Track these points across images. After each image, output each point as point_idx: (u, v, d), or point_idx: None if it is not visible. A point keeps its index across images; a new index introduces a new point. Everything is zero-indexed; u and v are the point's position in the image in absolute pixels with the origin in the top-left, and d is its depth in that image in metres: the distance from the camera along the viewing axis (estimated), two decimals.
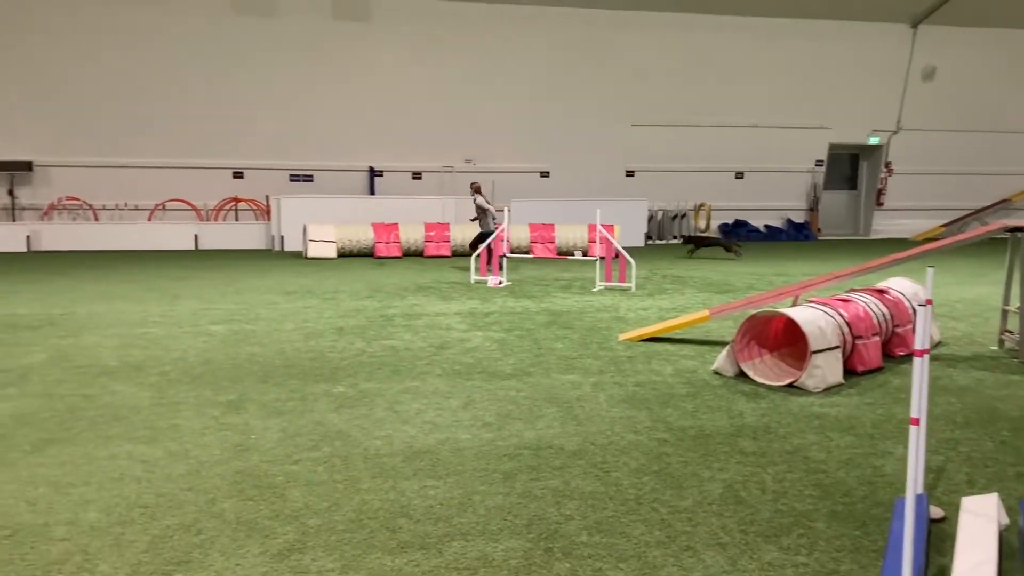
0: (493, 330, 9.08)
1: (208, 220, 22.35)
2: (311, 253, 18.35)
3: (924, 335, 2.92)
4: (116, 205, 22.04)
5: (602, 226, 13.16)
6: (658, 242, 24.37)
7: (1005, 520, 3.77)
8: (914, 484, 2.96)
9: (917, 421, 2.94)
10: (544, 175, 24.79)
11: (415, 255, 18.91)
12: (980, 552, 3.29)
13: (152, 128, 22.05)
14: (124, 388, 6.44)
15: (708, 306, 10.52)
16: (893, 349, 7.68)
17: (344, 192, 22.88)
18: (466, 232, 19.14)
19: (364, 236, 18.81)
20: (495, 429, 5.40)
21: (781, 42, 25.28)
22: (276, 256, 19.05)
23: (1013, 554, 3.62)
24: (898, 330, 7.70)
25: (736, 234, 25.44)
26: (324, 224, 18.83)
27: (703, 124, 25.30)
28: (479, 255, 13.97)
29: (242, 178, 22.90)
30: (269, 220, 21.49)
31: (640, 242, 22.31)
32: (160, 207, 22.22)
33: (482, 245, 14.21)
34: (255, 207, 22.78)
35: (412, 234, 19.06)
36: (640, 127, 25.03)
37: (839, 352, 6.70)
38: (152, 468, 4.66)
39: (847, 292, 8.14)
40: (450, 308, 10.68)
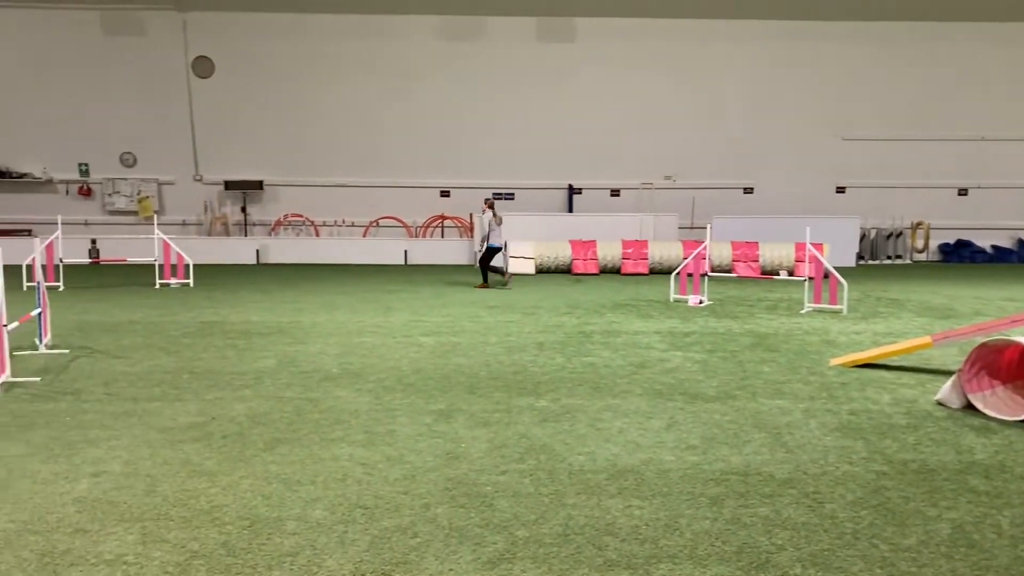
0: (694, 351, 8.93)
1: (417, 236, 23.44)
2: (510, 269, 18.79)
3: None
4: (335, 222, 23.60)
5: (811, 245, 12.63)
6: (871, 262, 23.06)
7: None
8: None
9: None
10: (748, 191, 24.13)
11: (612, 272, 18.93)
12: None
13: (367, 150, 23.50)
14: (345, 393, 6.87)
15: (929, 332, 9.84)
16: None
17: (543, 209, 23.30)
18: (664, 251, 18.94)
19: (562, 253, 19.05)
20: (700, 452, 5.31)
21: (1009, 48, 23.31)
22: (478, 272, 19.63)
23: None
24: None
25: (959, 255, 23.62)
26: (523, 241, 19.24)
27: (921, 138, 23.75)
28: (678, 275, 13.78)
29: (448, 197, 23.88)
30: (472, 237, 22.23)
31: (851, 262, 21.20)
32: (374, 224, 23.55)
33: (493, 259, 15.69)
34: (459, 224, 23.64)
35: (609, 251, 19.10)
36: (851, 141, 23.87)
37: None
38: (371, 471, 4.93)
39: None
40: (649, 326, 10.60)
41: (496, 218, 15.47)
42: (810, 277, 12.70)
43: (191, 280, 15.49)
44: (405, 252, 21.96)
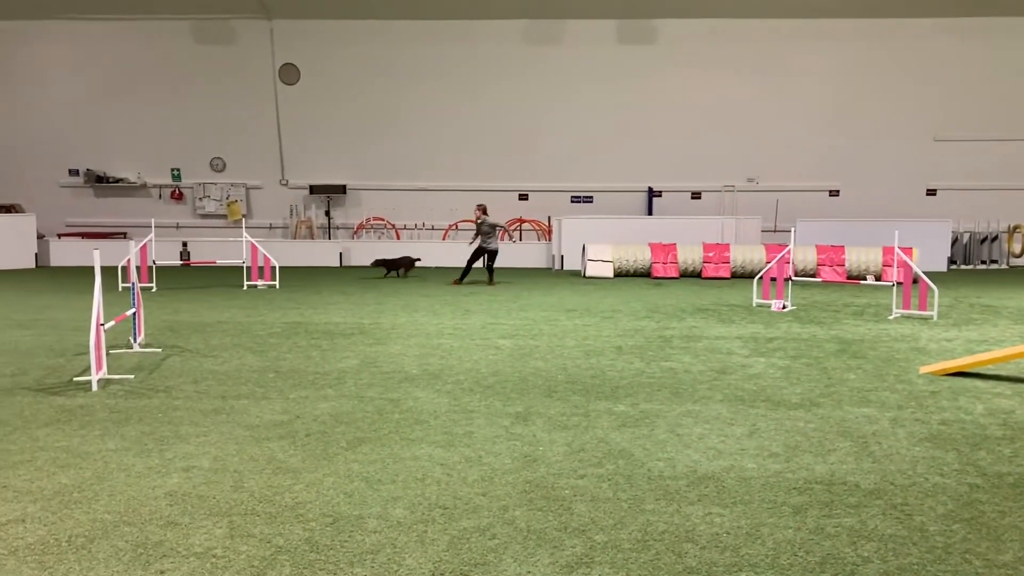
0: (777, 356, 8.75)
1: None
2: (589, 272, 18.74)
3: None
4: (415, 225, 23.91)
5: (900, 248, 12.25)
6: (963, 267, 22.23)
7: None
8: None
9: None
10: (833, 194, 23.53)
11: (693, 276, 18.69)
12: None
13: (447, 154, 23.75)
14: (424, 394, 6.95)
15: None
16: None
17: (622, 212, 23.16)
18: (746, 254, 18.63)
19: (641, 256, 18.89)
20: (783, 460, 5.20)
21: None
22: (556, 275, 19.66)
23: None
24: None
25: None
26: (602, 244, 19.15)
27: (1017, 137, 22.78)
28: (761, 279, 13.52)
29: (527, 200, 23.94)
30: (550, 240, 22.23)
31: (942, 267, 20.48)
32: (453, 227, 23.76)
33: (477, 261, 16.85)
34: (538, 228, 23.67)
35: (690, 255, 18.86)
36: (943, 142, 23.06)
37: None
38: (450, 471, 4.98)
39: None
40: (730, 332, 10.44)
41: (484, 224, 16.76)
42: (899, 282, 12.32)
43: (277, 282, 15.90)
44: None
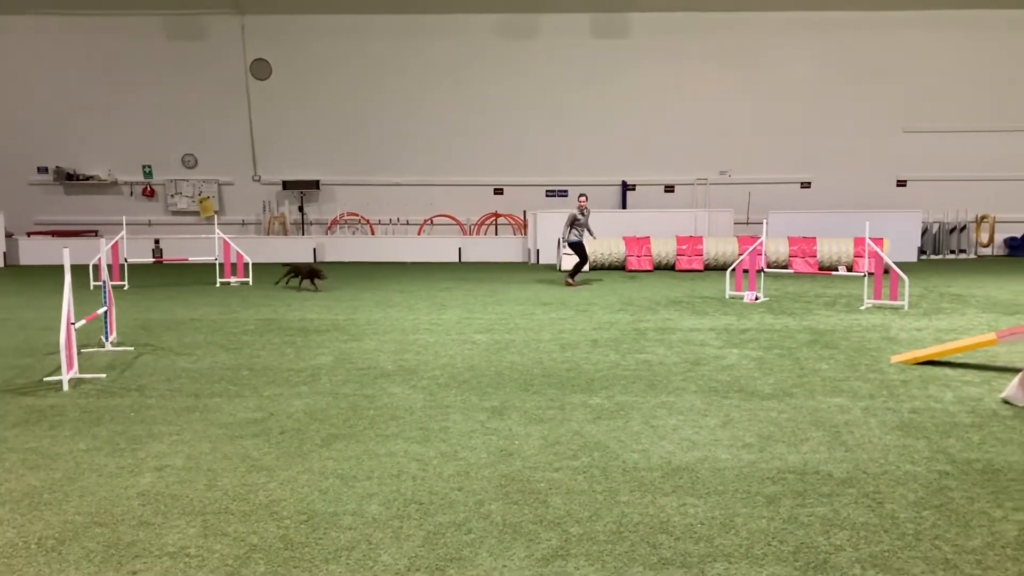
0: (750, 347, 8.82)
1: (471, 234, 23.54)
2: (564, 266, 18.75)
3: None
4: (390, 220, 23.82)
5: (871, 239, 12.38)
6: (933, 257, 22.51)
7: None
8: None
9: None
10: (805, 186, 23.72)
11: (666, 269, 18.78)
12: None
13: (421, 149, 23.67)
14: (399, 390, 6.94)
15: (994, 328, 9.59)
16: None
17: (597, 206, 23.17)
18: (719, 246, 18.73)
19: (616, 249, 18.95)
20: (756, 450, 5.24)
21: None
22: (531, 269, 19.68)
23: None
24: None
25: None
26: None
27: (986, 128, 23.07)
28: (734, 271, 13.61)
29: (502, 194, 23.93)
30: (525, 234, 22.24)
31: (913, 257, 20.71)
32: (428, 222, 23.72)
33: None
34: (513, 222, 23.67)
35: (663, 248, 18.95)
36: (913, 133, 23.31)
37: None
38: (425, 467, 4.97)
39: None
40: (704, 323, 10.50)
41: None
42: (870, 272, 12.45)
43: (250, 278, 15.78)
44: (459, 250, 22.07)
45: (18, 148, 23.52)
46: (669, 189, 23.94)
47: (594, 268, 18.79)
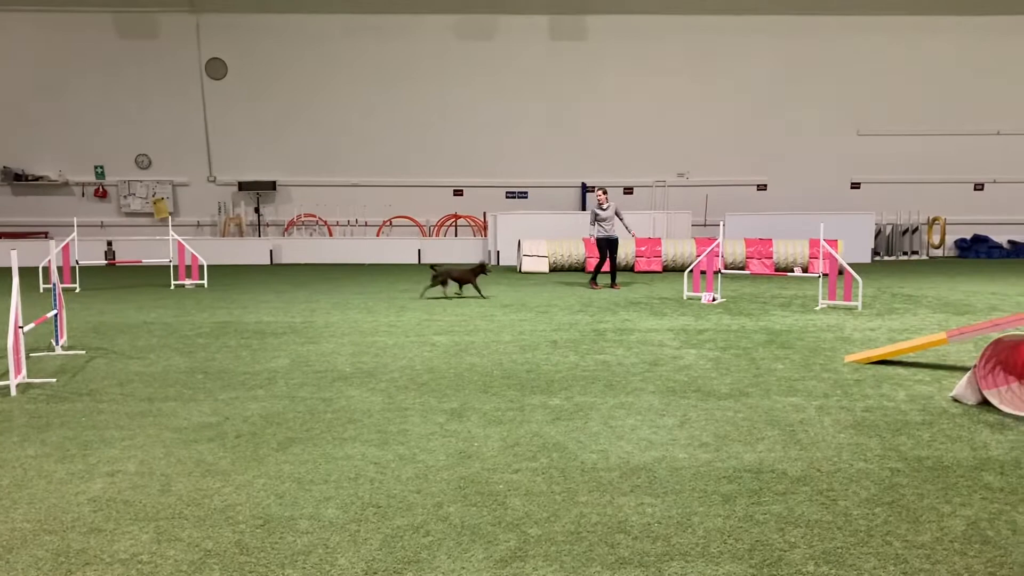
0: (707, 348, 8.90)
1: (430, 236, 23.48)
2: (525, 267, 18.80)
3: None
4: (348, 221, 23.67)
5: (825, 241, 12.56)
6: (886, 258, 22.94)
7: None
8: None
9: None
10: (761, 188, 24.05)
11: (626, 270, 18.89)
12: None
13: (380, 150, 23.56)
14: (357, 393, 6.88)
15: (944, 328, 9.79)
16: None
17: (557, 208, 23.30)
18: (677, 248, 18.89)
19: (576, 251, 19.03)
20: (713, 450, 5.29)
21: None
22: (492, 270, 19.65)
23: None
24: None
25: (975, 251, 23.45)
26: (537, 239, 19.24)
27: (938, 132, 23.60)
28: (691, 272, 13.74)
29: (462, 195, 23.93)
30: (486, 236, 22.24)
31: (867, 258, 21.09)
32: (387, 223, 23.60)
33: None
34: (473, 223, 23.66)
35: (623, 249, 19.04)
36: (867, 136, 23.75)
37: None
38: (383, 470, 4.94)
39: None
40: (662, 324, 10.58)
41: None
42: (824, 274, 12.65)
43: (205, 281, 15.57)
44: (419, 251, 22.00)
45: None
46: (628, 191, 24.12)
47: (553, 270, 18.85)
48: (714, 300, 12.88)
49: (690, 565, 3.65)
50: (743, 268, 17.99)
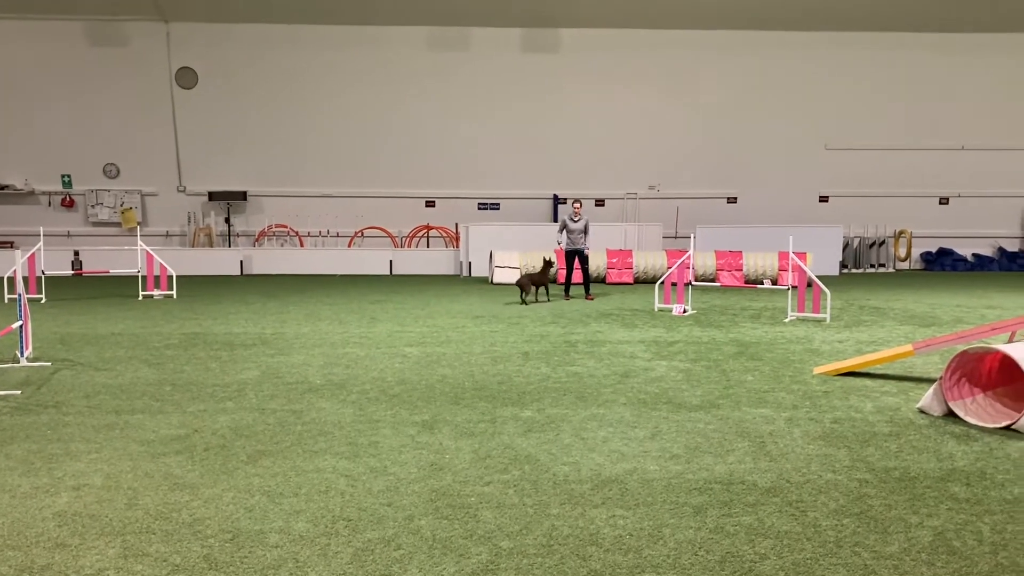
0: (678, 360, 8.95)
1: (402, 247, 23.42)
2: (497, 279, 18.80)
3: None
4: (320, 232, 23.55)
5: (794, 253, 12.70)
6: (854, 271, 23.22)
7: None
8: None
9: None
10: (731, 201, 24.28)
11: (597, 282, 18.95)
12: None
13: (352, 160, 23.50)
14: (328, 405, 6.84)
15: (911, 340, 9.91)
16: None
17: (528, 219, 23.35)
18: (648, 260, 19.00)
19: None
20: (684, 461, 5.32)
21: (992, 57, 23.62)
22: (464, 282, 19.66)
23: None
24: None
25: (941, 264, 23.81)
26: (509, 251, 19.26)
27: (904, 147, 23.97)
28: (662, 284, 13.81)
29: (434, 207, 23.91)
30: (458, 247, 22.23)
31: (835, 271, 21.34)
32: (359, 234, 23.51)
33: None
34: (445, 234, 23.64)
35: (594, 261, 19.12)
36: (835, 151, 24.07)
37: None
38: (354, 483, 4.91)
39: None
40: (633, 336, 10.62)
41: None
42: (793, 286, 12.77)
43: (174, 292, 15.42)
44: (390, 262, 21.93)
45: None
46: (600, 203, 24.23)
47: None
48: (685, 312, 12.95)
49: None
50: (713, 280, 18.13)
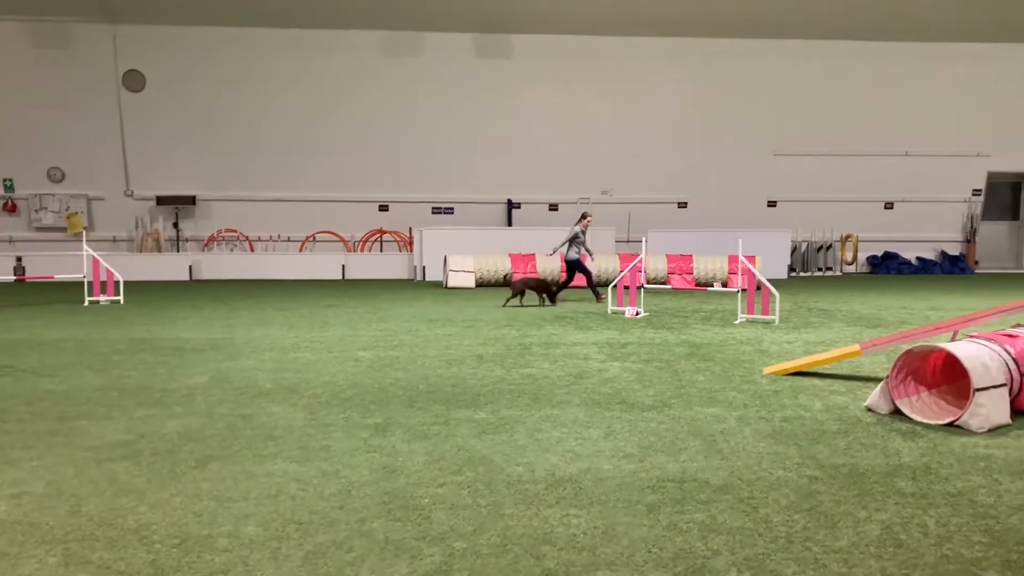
0: (631, 361, 9.00)
1: (355, 251, 23.25)
2: (451, 283, 18.76)
3: None
4: (270, 237, 23.28)
5: (744, 257, 12.87)
6: (802, 274, 23.60)
7: None
8: None
9: None
10: (682, 205, 24.54)
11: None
12: None
13: (303, 164, 23.27)
14: (279, 409, 6.75)
15: (858, 340, 10.09)
16: None
17: (483, 224, 23.34)
18: (601, 263, 19.10)
19: (502, 266, 19.08)
20: (637, 460, 5.34)
21: (934, 66, 24.21)
22: (418, 286, 19.58)
23: None
24: None
25: (886, 267, 24.33)
26: (464, 255, 19.23)
27: (850, 153, 24.47)
28: (615, 287, 13.90)
29: (387, 211, 23.78)
30: (411, 251, 22.14)
31: (783, 274, 21.67)
32: (311, 239, 23.29)
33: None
34: (399, 239, 23.53)
35: (548, 265, 19.19)
36: (783, 156, 24.46)
37: (1005, 390, 6.27)
38: (305, 486, 4.84)
39: (1013, 327, 7.62)
40: (587, 338, 10.66)
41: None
42: (743, 289, 12.93)
43: (121, 297, 15.11)
44: (343, 267, 21.76)
45: None
46: (553, 207, 24.33)
47: (480, 285, 18.86)
48: (638, 314, 13.04)
49: (615, 574, 3.66)
50: (665, 283, 18.28)
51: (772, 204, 24.84)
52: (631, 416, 6.51)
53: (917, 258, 24.80)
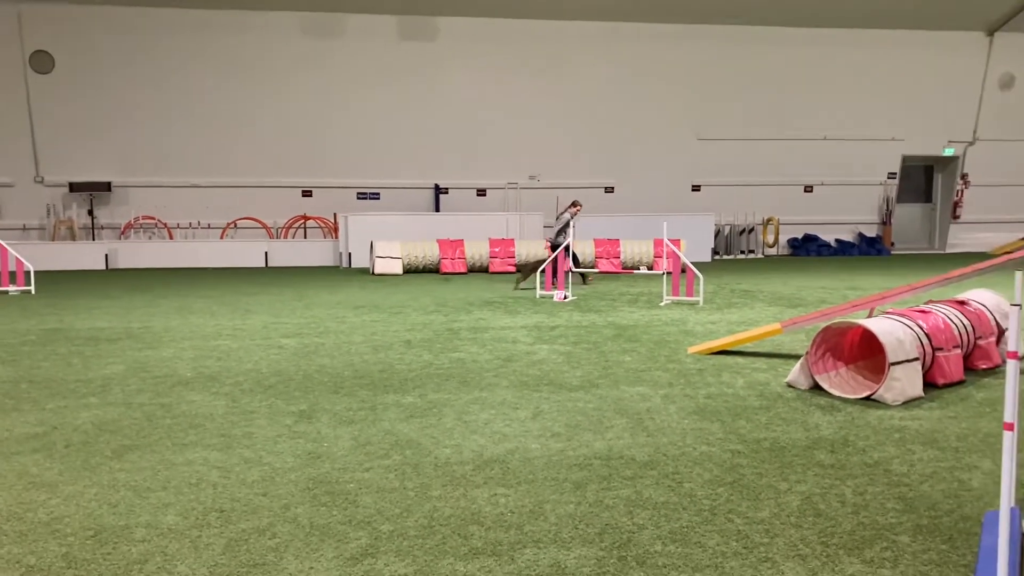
0: (559, 343, 9.04)
1: (278, 238, 22.82)
2: (378, 269, 18.56)
3: (1016, 337, 2.80)
4: (190, 224, 22.68)
5: (669, 240, 13.03)
6: (725, 257, 24.06)
7: None
8: (1009, 494, 2.83)
9: (1011, 426, 2.81)
10: (609, 190, 24.73)
11: (480, 271, 18.99)
12: None
13: (223, 149, 22.69)
14: (199, 398, 6.58)
15: (779, 319, 10.32)
16: (976, 362, 7.41)
17: (410, 209, 23.15)
18: (530, 249, 19.15)
19: (430, 252, 18.97)
20: (564, 439, 5.36)
21: (851, 53, 24.86)
22: (344, 273, 19.33)
23: None
24: (981, 342, 7.43)
25: (806, 249, 24.97)
26: (390, 241, 19.05)
27: (771, 137, 24.98)
28: (543, 270, 13.93)
29: (311, 196, 23.38)
30: (337, 237, 21.84)
31: (707, 257, 22.05)
32: (232, 225, 22.77)
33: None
34: (323, 225, 23.18)
35: (477, 250, 19.15)
36: (706, 141, 24.85)
37: (919, 364, 6.49)
38: (227, 474, 4.73)
39: (926, 304, 7.89)
40: (516, 322, 10.68)
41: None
42: (668, 271, 13.11)
43: (32, 287, 14.54)
44: (266, 254, 21.35)
45: None
46: (481, 193, 24.26)
47: (407, 271, 18.72)
48: (565, 298, 13.11)
49: (542, 551, 3.66)
50: (593, 267, 18.42)
51: (696, 188, 25.23)
52: (559, 397, 6.53)
53: (836, 240, 25.51)
